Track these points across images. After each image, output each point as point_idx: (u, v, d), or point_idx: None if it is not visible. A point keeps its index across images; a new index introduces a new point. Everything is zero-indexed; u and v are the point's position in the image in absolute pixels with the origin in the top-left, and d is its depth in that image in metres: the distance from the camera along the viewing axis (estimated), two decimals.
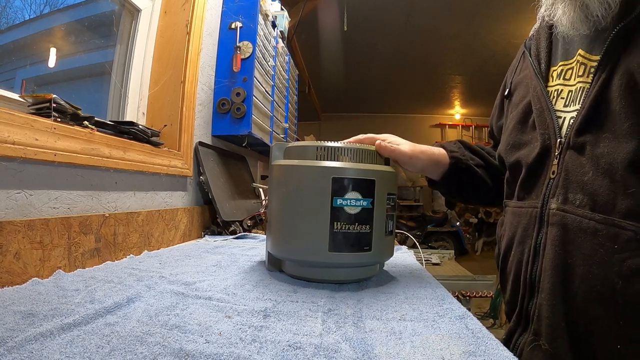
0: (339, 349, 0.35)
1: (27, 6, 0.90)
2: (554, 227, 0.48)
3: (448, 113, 6.97)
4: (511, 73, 0.68)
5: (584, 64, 0.50)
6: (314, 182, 0.56)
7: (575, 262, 0.45)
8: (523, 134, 0.57)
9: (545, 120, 0.52)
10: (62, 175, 0.65)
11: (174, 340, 0.35)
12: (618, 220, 0.42)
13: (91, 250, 0.67)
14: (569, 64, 0.53)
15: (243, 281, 0.58)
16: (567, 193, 0.48)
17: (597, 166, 0.44)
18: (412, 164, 0.68)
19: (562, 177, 0.49)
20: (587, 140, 0.46)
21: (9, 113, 0.54)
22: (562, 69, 0.54)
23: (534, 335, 0.50)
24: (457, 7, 3.23)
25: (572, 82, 0.52)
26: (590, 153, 0.46)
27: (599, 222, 0.44)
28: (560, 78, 0.54)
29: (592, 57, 0.49)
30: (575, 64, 0.52)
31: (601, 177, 0.44)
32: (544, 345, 0.48)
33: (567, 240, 0.46)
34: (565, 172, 0.48)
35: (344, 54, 4.29)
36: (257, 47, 1.29)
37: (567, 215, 0.47)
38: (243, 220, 1.25)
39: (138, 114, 1.08)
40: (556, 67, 0.55)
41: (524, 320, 0.53)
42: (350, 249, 0.55)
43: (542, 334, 0.48)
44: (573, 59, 0.52)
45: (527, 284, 0.52)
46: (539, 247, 0.50)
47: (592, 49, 0.49)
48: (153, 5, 1.13)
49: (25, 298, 0.44)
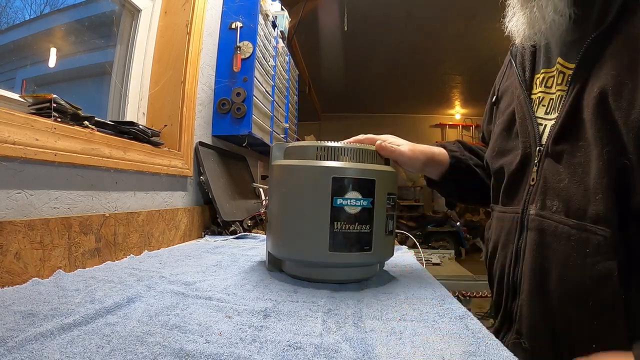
0: (339, 349, 0.35)
1: (27, 6, 0.90)
2: (532, 231, 0.50)
3: (448, 113, 6.97)
4: (499, 79, 0.69)
5: (563, 72, 0.51)
6: (314, 182, 0.56)
7: (551, 266, 0.47)
8: (507, 142, 0.59)
9: (527, 129, 0.54)
10: (63, 175, 0.65)
11: (174, 340, 0.35)
12: (589, 225, 0.43)
13: (91, 250, 0.67)
14: (550, 72, 0.54)
15: (243, 281, 0.58)
16: (545, 199, 0.49)
17: (574, 174, 0.46)
18: (412, 164, 0.68)
19: (540, 184, 0.50)
20: (565, 149, 0.48)
21: (9, 113, 0.54)
22: (544, 77, 0.55)
23: (516, 334, 0.51)
24: (457, 7, 3.23)
25: (553, 90, 0.53)
26: (568, 162, 0.47)
27: (572, 227, 0.45)
28: (542, 86, 0.55)
29: (569, 65, 0.50)
30: (556, 72, 0.53)
31: (576, 185, 0.45)
32: (524, 344, 0.49)
33: (544, 244, 0.48)
34: (544, 180, 0.50)
35: (344, 54, 4.29)
36: (257, 47, 1.29)
37: (544, 220, 0.48)
38: (243, 220, 1.25)
39: (138, 114, 1.08)
40: (539, 74, 0.56)
41: (507, 321, 0.55)
42: (350, 248, 0.55)
43: (523, 334, 0.50)
44: (553, 67, 0.53)
45: (510, 286, 0.54)
46: (520, 251, 0.52)
47: (569, 58, 0.50)
48: (153, 5, 1.13)
49: (26, 298, 0.44)
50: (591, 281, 0.43)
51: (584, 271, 0.43)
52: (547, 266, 0.47)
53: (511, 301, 0.54)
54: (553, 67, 0.54)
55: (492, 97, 0.69)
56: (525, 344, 0.49)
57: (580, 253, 0.44)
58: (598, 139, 0.43)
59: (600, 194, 0.42)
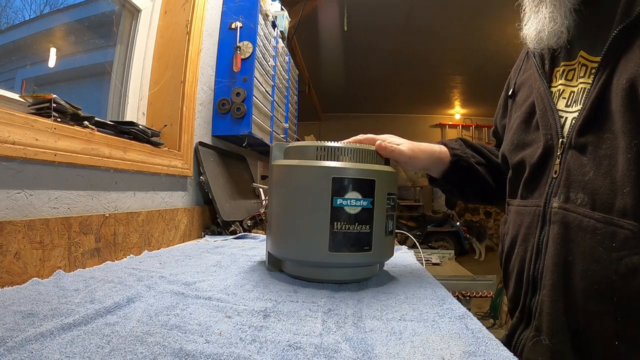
0: (339, 349, 0.35)
1: (27, 6, 0.90)
2: (555, 225, 0.49)
3: (448, 113, 6.97)
4: (515, 73, 0.68)
5: (585, 65, 0.51)
6: (314, 182, 0.56)
7: (575, 260, 0.46)
8: (527, 134, 0.58)
9: (548, 121, 0.53)
10: (62, 175, 0.65)
11: (174, 340, 0.35)
12: (617, 219, 0.43)
13: (91, 250, 0.67)
14: (571, 64, 0.54)
15: (243, 281, 0.58)
16: (569, 192, 0.48)
17: (599, 166, 0.45)
18: (412, 163, 0.68)
19: (564, 176, 0.49)
20: (590, 141, 0.47)
21: (9, 113, 0.54)
22: (565, 69, 0.55)
23: (536, 331, 0.51)
24: (457, 7, 3.23)
25: (574, 82, 0.53)
26: (593, 154, 0.46)
27: (598, 220, 0.44)
28: (562, 78, 0.55)
29: (593, 58, 0.50)
30: (577, 65, 0.53)
31: (602, 177, 0.45)
32: (545, 341, 0.49)
33: (568, 238, 0.47)
34: (567, 172, 0.49)
35: (344, 54, 4.29)
36: (257, 47, 1.29)
37: (568, 213, 0.48)
38: (243, 220, 1.25)
39: (138, 114, 1.08)
40: (559, 67, 0.56)
41: (526, 317, 0.53)
42: (350, 249, 0.55)
43: (543, 330, 0.49)
44: (575, 60, 0.53)
45: (529, 281, 0.53)
46: (542, 244, 0.51)
47: (593, 50, 0.50)
48: (153, 5, 1.13)
49: (25, 298, 0.44)
50: (617, 276, 0.42)
51: (609, 266, 0.43)
52: (571, 260, 0.47)
53: (531, 296, 0.53)
54: (574, 60, 0.53)
55: (508, 91, 0.68)
56: (545, 340, 0.49)
57: (607, 247, 0.43)
58: (627, 131, 0.42)
59: (628, 187, 0.42)
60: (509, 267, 0.60)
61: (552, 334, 0.48)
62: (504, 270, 0.62)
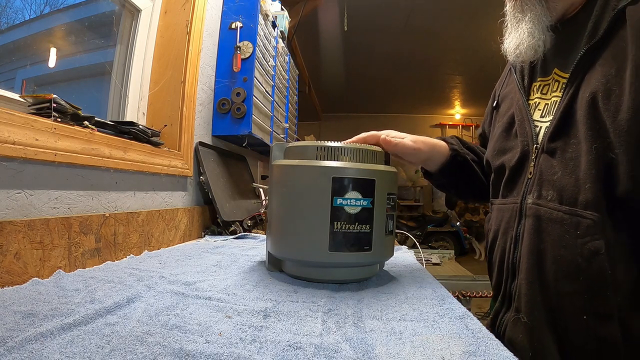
0: (339, 349, 0.35)
1: (27, 6, 0.90)
2: (530, 218, 0.56)
3: (448, 113, 6.97)
4: (499, 85, 0.76)
5: (558, 81, 0.58)
6: (314, 182, 0.56)
7: (546, 247, 0.53)
8: (507, 141, 0.65)
9: (525, 129, 0.60)
10: (62, 175, 0.65)
11: (174, 340, 0.35)
12: (580, 210, 0.49)
13: (91, 250, 0.67)
14: (546, 80, 0.61)
15: (243, 281, 0.58)
16: (541, 190, 0.55)
17: (566, 167, 0.52)
18: (416, 155, 0.71)
19: (537, 176, 0.56)
20: (558, 146, 0.54)
21: (9, 113, 0.54)
22: (541, 84, 0.62)
23: (515, 312, 0.57)
24: (457, 7, 3.23)
25: (548, 96, 0.60)
26: (561, 157, 0.53)
27: (565, 212, 0.51)
28: (539, 92, 0.62)
29: (564, 74, 0.57)
30: (551, 80, 0.60)
31: (568, 176, 0.52)
32: (523, 319, 0.55)
33: (540, 228, 0.54)
34: (540, 173, 0.56)
35: (344, 54, 4.29)
36: (257, 47, 1.29)
37: (540, 208, 0.54)
38: (243, 220, 1.25)
39: (138, 114, 1.08)
40: (536, 82, 0.63)
41: (507, 300, 0.60)
42: (350, 248, 0.55)
43: (522, 310, 0.55)
44: (550, 76, 0.60)
45: (509, 268, 0.59)
46: (519, 235, 0.58)
47: (565, 67, 0.57)
48: (153, 5, 1.13)
49: (26, 298, 0.44)
50: (582, 258, 0.48)
51: (575, 250, 0.49)
52: (543, 247, 0.53)
53: (510, 282, 0.59)
54: (549, 76, 0.60)
55: (493, 102, 0.75)
56: (524, 319, 0.54)
57: (572, 234, 0.50)
58: (589, 137, 0.49)
59: (589, 184, 0.48)
60: (492, 258, 0.66)
61: (530, 312, 0.54)
62: (489, 261, 0.69)
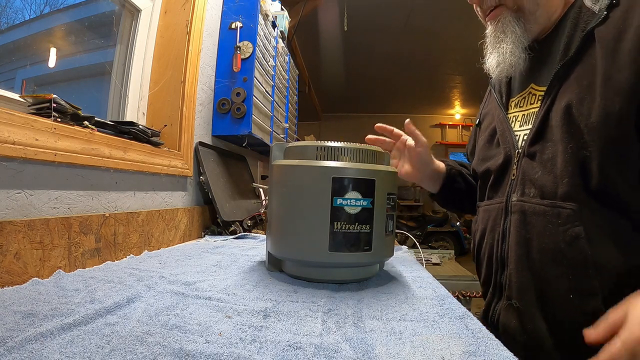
0: (339, 349, 0.35)
1: (27, 6, 0.90)
2: (515, 214, 0.62)
3: (448, 113, 6.96)
4: (482, 106, 0.85)
5: (534, 94, 0.66)
6: (314, 182, 0.56)
7: (532, 237, 0.59)
8: (490, 150, 0.73)
9: (507, 138, 0.68)
10: (62, 175, 0.65)
11: (174, 340, 0.35)
12: (560, 202, 0.56)
13: (91, 250, 0.67)
14: (523, 94, 0.69)
15: (243, 281, 0.58)
16: (524, 188, 0.62)
17: (545, 167, 0.59)
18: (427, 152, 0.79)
19: (519, 177, 0.63)
20: (537, 149, 0.61)
21: (9, 113, 0.54)
22: (518, 100, 0.70)
23: (507, 300, 0.62)
24: (457, 7, 3.22)
25: (525, 107, 0.67)
26: (540, 158, 0.60)
27: (547, 206, 0.58)
28: (517, 107, 0.70)
29: (540, 88, 0.65)
30: (528, 94, 0.68)
31: (547, 175, 0.58)
32: (515, 304, 0.60)
33: (525, 222, 0.60)
34: (522, 174, 0.62)
35: (344, 54, 4.29)
36: (257, 47, 1.29)
37: (524, 204, 0.61)
38: (243, 220, 1.25)
39: (138, 114, 1.08)
40: (514, 98, 0.71)
41: (498, 291, 0.65)
42: (350, 248, 0.55)
43: (513, 297, 0.61)
44: (526, 91, 0.68)
45: (498, 260, 0.65)
46: (506, 230, 0.64)
47: (540, 82, 0.65)
48: (153, 5, 1.13)
49: (26, 298, 0.44)
50: (564, 244, 0.55)
51: (558, 237, 0.55)
52: (529, 238, 0.59)
53: (500, 273, 0.64)
54: (526, 90, 0.68)
55: (477, 120, 0.84)
56: (516, 304, 0.60)
57: (555, 224, 0.56)
58: (564, 139, 0.56)
59: (566, 178, 0.55)
60: (480, 255, 0.72)
61: (521, 297, 0.60)
62: (476, 260, 0.74)
